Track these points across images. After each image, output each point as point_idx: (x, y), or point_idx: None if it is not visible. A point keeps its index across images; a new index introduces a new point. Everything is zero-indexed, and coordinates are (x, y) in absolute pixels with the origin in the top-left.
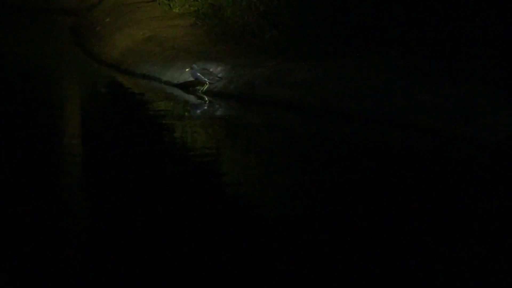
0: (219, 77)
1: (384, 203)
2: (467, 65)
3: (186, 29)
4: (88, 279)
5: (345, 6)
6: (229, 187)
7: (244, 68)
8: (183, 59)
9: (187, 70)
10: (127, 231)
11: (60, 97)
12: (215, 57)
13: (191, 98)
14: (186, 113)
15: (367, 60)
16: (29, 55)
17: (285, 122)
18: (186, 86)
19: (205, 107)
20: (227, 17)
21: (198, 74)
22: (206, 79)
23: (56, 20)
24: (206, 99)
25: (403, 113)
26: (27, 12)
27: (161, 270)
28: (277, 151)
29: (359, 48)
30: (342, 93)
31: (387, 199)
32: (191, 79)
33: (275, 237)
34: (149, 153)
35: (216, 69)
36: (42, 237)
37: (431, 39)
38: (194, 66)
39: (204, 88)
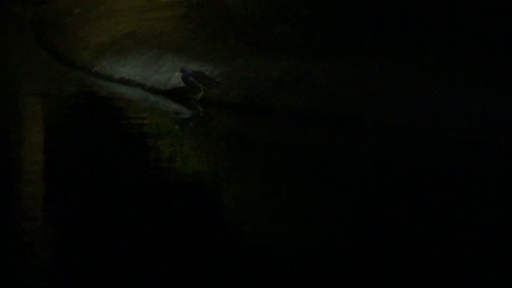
0: (216, 82)
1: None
2: None
3: (176, 22)
4: None
5: None
6: (228, 217)
7: (248, 70)
8: (172, 60)
9: (177, 73)
10: (116, 268)
11: (18, 110)
12: (212, 57)
13: (182, 109)
14: (175, 128)
15: (401, 60)
16: None
17: (300, 138)
18: (175, 94)
19: (199, 120)
20: (227, 7)
21: (191, 78)
22: (200, 85)
23: (13, 11)
24: (201, 109)
25: (447, 125)
26: None
27: None
28: (289, 174)
29: (390, 45)
30: (370, 101)
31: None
32: (182, 84)
33: (281, 277)
34: (131, 178)
35: (213, 72)
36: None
37: (473, 35)
38: (186, 68)
39: (198, 96)
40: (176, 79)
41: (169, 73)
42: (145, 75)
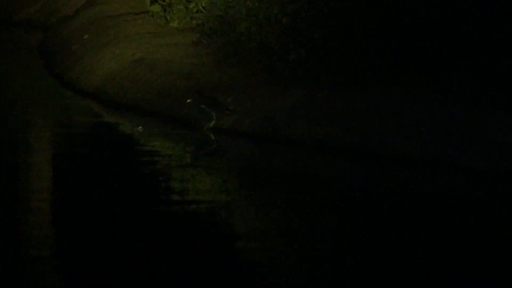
0: (229, 110)
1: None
2: None
3: (187, 48)
4: None
5: (395, 18)
6: (242, 251)
7: (262, 98)
8: (183, 87)
9: (188, 101)
10: None
11: (23, 140)
12: (225, 85)
13: (194, 137)
14: (187, 157)
15: (425, 88)
16: None
17: (317, 169)
18: (187, 121)
19: (212, 149)
20: (240, 33)
21: (203, 106)
22: (213, 113)
23: (20, 36)
24: (213, 138)
25: (478, 158)
26: None
27: None
28: (306, 208)
29: (413, 72)
30: (392, 131)
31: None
32: (194, 112)
33: None
34: (141, 210)
35: (226, 100)
36: None
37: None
38: (198, 96)
39: (211, 124)
40: (187, 106)
41: (181, 100)
42: (156, 102)
